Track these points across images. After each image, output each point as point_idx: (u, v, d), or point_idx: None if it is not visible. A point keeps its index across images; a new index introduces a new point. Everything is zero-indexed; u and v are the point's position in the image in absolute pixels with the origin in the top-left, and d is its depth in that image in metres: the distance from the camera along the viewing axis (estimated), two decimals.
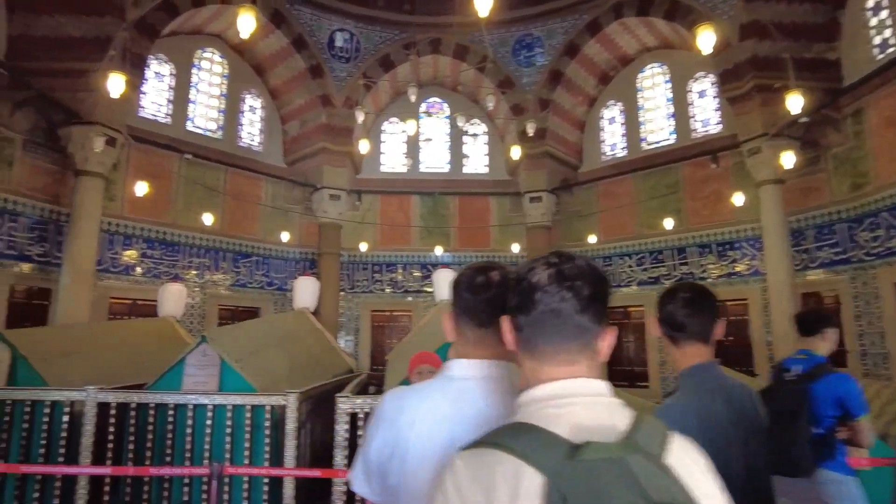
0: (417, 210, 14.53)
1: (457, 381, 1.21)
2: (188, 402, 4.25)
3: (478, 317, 1.23)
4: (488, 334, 1.23)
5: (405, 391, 1.25)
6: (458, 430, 1.13)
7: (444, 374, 1.24)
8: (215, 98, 13.05)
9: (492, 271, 1.27)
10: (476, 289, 1.24)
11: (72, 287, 8.99)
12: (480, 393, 1.19)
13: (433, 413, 1.16)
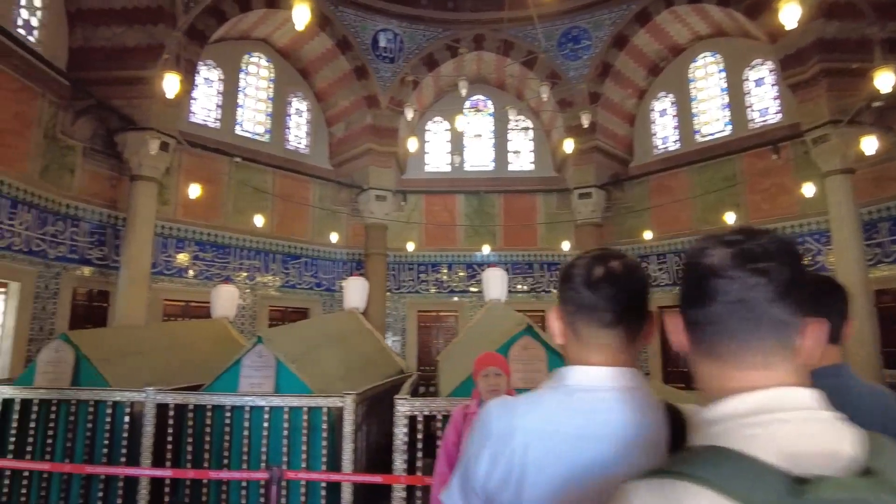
0: (462, 209, 14.38)
1: (579, 393, 1.03)
2: (245, 404, 4.20)
3: (601, 317, 1.04)
4: (614, 337, 1.05)
5: (513, 404, 1.06)
6: (588, 453, 0.95)
7: (559, 385, 1.05)
8: (262, 102, 13.22)
9: (612, 261, 1.08)
10: (597, 283, 1.05)
11: (129, 289, 9.21)
12: (613, 407, 1.00)
13: (554, 433, 0.98)
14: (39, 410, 4.35)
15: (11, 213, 8.29)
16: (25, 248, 8.54)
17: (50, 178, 9.09)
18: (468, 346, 6.24)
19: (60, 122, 9.33)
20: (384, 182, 13.27)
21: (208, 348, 6.46)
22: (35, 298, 8.67)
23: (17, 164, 8.45)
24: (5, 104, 8.26)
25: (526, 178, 14.54)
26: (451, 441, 2.90)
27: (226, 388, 4.46)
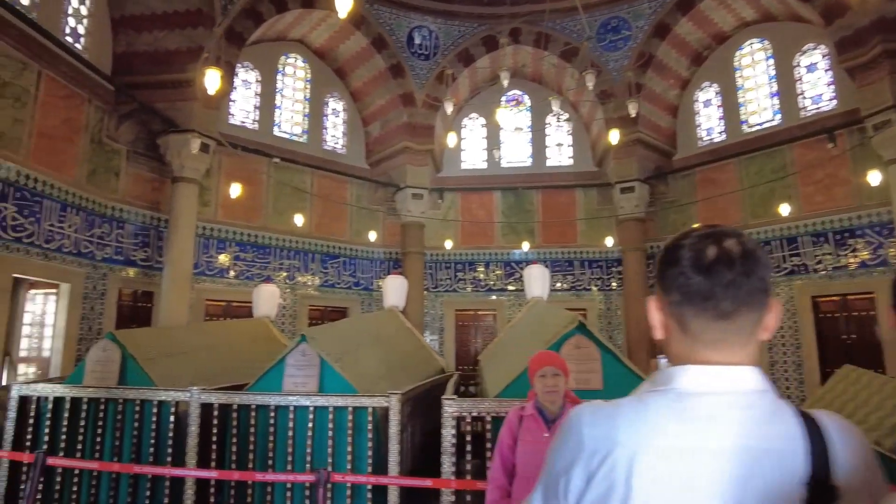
0: (499, 206, 14.17)
1: (692, 398, 0.85)
2: (289, 404, 4.13)
3: (716, 306, 0.86)
4: (732, 330, 0.88)
5: (611, 412, 0.89)
6: (706, 472, 0.79)
7: (667, 389, 0.88)
8: (300, 102, 13.29)
9: (727, 239, 0.89)
10: (710, 266, 0.87)
11: (171, 290, 9.34)
12: (735, 416, 0.83)
13: (665, 448, 0.81)
14: (88, 409, 4.37)
15: (61, 216, 8.49)
16: (74, 250, 8.74)
17: (96, 182, 9.29)
18: (512, 346, 6.06)
19: (106, 126, 9.53)
20: (420, 180, 13.18)
21: (251, 348, 6.46)
22: (84, 299, 8.87)
23: (66, 169, 8.65)
24: (55, 110, 8.46)
25: (565, 174, 14.24)
26: (507, 444, 2.74)
27: (270, 387, 4.40)
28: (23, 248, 7.78)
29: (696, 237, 0.91)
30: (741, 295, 0.86)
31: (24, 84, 7.94)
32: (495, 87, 14.58)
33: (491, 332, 13.68)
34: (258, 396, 4.20)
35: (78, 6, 9.25)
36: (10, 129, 7.66)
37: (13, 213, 7.64)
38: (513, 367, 4.38)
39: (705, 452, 0.81)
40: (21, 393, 4.46)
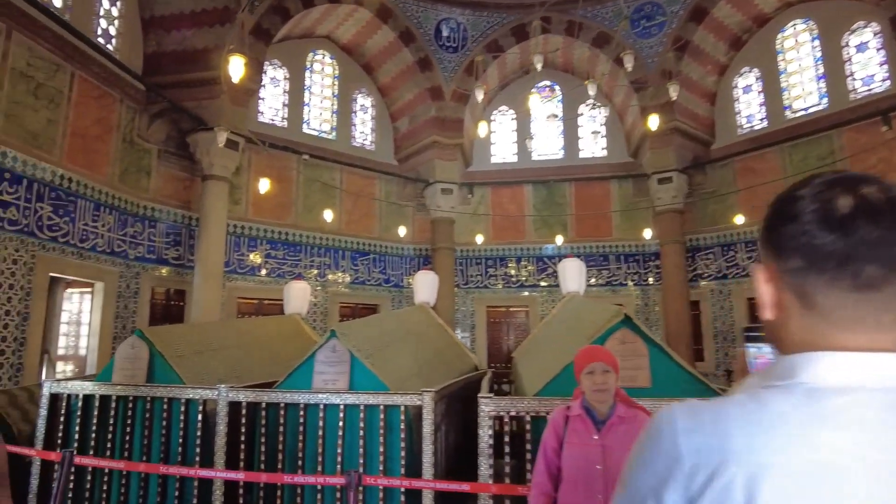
0: (531, 200, 13.88)
1: (829, 397, 0.62)
2: (319, 402, 3.97)
3: (857, 272, 0.64)
4: (880, 304, 0.64)
5: (711, 413, 0.65)
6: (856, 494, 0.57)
7: (792, 384, 0.65)
8: (328, 99, 13.23)
9: (865, 185, 0.66)
10: (845, 220, 0.64)
11: (203, 287, 9.35)
12: (892, 420, 0.60)
13: (799, 463, 0.59)
14: (118, 407, 4.30)
15: (95, 216, 8.56)
16: (108, 249, 8.80)
17: (128, 181, 9.35)
18: (548, 342, 5.81)
19: (137, 126, 9.59)
20: (450, 175, 12.97)
21: (282, 344, 6.35)
22: (117, 297, 8.93)
23: (99, 169, 8.72)
24: (88, 110, 8.53)
25: (598, 165, 13.86)
26: (551, 447, 2.52)
27: (299, 384, 4.25)
28: (58, 248, 7.85)
29: (821, 184, 0.69)
30: (892, 256, 0.63)
31: (58, 85, 8.00)
32: (525, 78, 14.31)
33: (523, 329, 13.40)
34: (287, 394, 4.05)
35: (109, 7, 9.32)
36: (44, 129, 7.73)
37: (49, 213, 7.71)
38: (552, 364, 4.14)
39: (856, 472, 0.57)
40: (52, 390, 4.42)
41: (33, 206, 7.47)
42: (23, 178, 7.34)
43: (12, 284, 7.12)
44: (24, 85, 7.48)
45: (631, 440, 2.34)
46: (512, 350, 13.27)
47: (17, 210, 7.22)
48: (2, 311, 6.97)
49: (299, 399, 4.02)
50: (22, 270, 7.26)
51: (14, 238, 7.17)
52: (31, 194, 7.44)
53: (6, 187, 7.09)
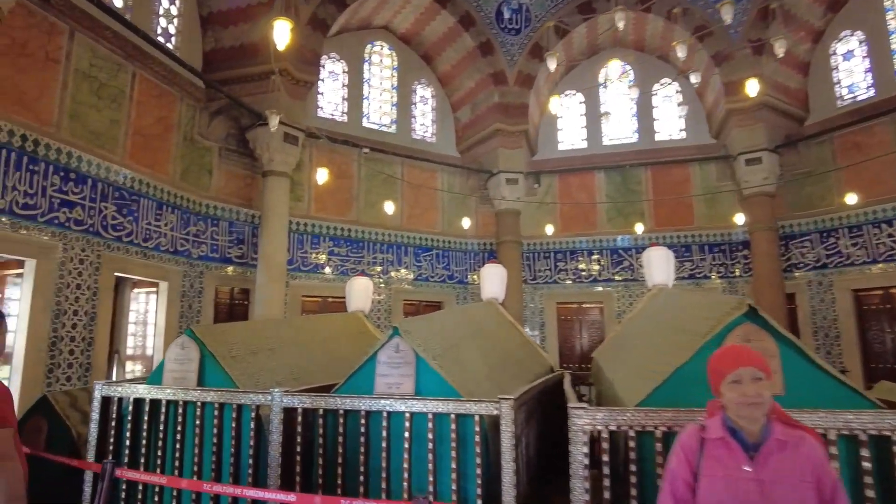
0: (602, 188, 13.01)
1: None
2: (381, 409, 3.48)
3: None
4: None
5: None
6: None
7: None
8: (387, 92, 12.89)
9: None
10: None
11: (266, 285, 9.16)
12: None
13: None
14: (167, 412, 3.97)
15: (158, 215, 8.51)
16: (171, 249, 8.74)
17: (190, 180, 9.29)
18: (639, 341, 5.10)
19: (197, 124, 9.52)
20: (515, 164, 12.32)
21: (344, 343, 5.95)
22: (182, 297, 8.86)
23: (160, 167, 8.67)
24: (149, 109, 8.48)
25: (677, 148, 12.82)
26: (683, 480, 1.89)
27: (360, 388, 3.78)
28: (122, 247, 7.81)
29: None
30: None
31: (120, 85, 7.97)
32: (593, 59, 13.46)
33: (598, 327, 12.59)
34: (346, 400, 3.59)
35: (168, 6, 9.29)
36: (107, 129, 7.70)
37: (113, 213, 7.68)
38: (655, 368, 3.47)
39: None
40: (103, 393, 4.15)
41: (98, 205, 7.44)
42: (87, 177, 7.31)
43: (79, 284, 7.09)
44: (88, 85, 7.46)
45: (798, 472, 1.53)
46: (586, 350, 12.49)
47: (82, 210, 7.20)
48: (70, 310, 6.95)
49: (360, 405, 3.54)
50: (88, 270, 7.23)
51: (80, 238, 7.15)
52: (95, 194, 7.41)
53: (72, 187, 7.07)
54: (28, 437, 4.85)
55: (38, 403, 4.90)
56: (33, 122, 6.67)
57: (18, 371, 6.37)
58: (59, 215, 6.87)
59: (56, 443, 4.83)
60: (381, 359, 3.82)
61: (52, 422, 4.85)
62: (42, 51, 6.88)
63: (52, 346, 6.71)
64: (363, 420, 3.57)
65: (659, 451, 2.86)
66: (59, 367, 6.78)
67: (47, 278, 6.67)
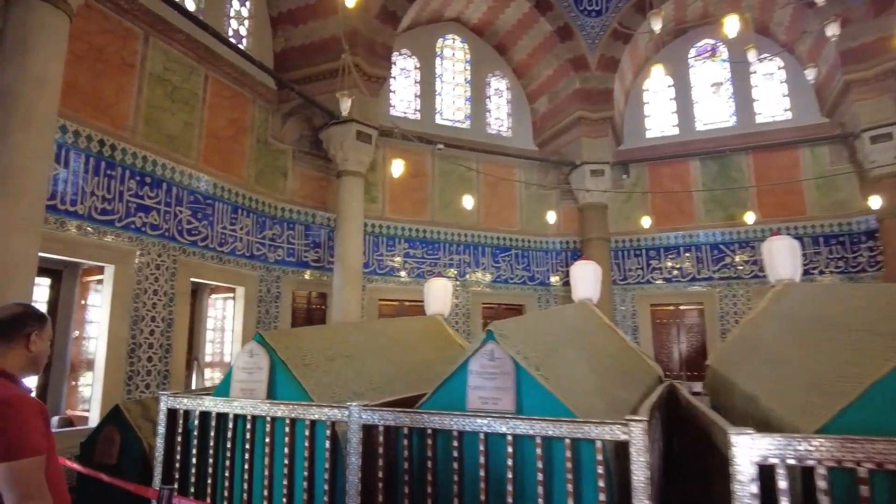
0: (698, 178, 11.86)
1: None
2: (477, 430, 2.87)
3: None
4: None
5: None
6: None
7: None
8: (460, 86, 12.38)
9: None
10: None
11: (343, 289, 8.81)
12: None
13: None
14: (235, 427, 3.54)
15: (233, 219, 8.35)
16: (247, 253, 8.57)
17: (265, 183, 9.11)
18: (777, 346, 4.22)
19: (270, 126, 9.36)
20: (600, 154, 11.42)
21: (425, 349, 5.40)
22: (258, 302, 8.67)
23: (235, 171, 8.53)
24: (222, 111, 8.36)
25: (782, 130, 11.50)
26: None
27: (449, 403, 3.19)
28: (198, 252, 7.67)
29: None
30: None
31: (193, 87, 7.88)
32: (682, 39, 12.37)
33: (697, 330, 11.45)
34: (435, 417, 3.00)
35: (239, 8, 9.19)
36: (181, 132, 7.60)
37: (188, 217, 7.55)
38: (832, 380, 2.66)
39: None
40: (168, 405, 3.79)
41: (173, 210, 7.32)
42: (162, 182, 7.20)
43: (156, 290, 6.97)
44: (162, 89, 7.38)
45: None
46: (685, 356, 11.40)
47: (158, 214, 7.09)
48: (148, 316, 6.83)
49: (451, 424, 2.94)
50: (165, 276, 7.10)
51: (156, 243, 7.03)
52: (170, 198, 7.29)
53: (147, 192, 6.97)
54: (101, 447, 4.63)
55: (112, 413, 4.67)
56: (110, 127, 6.60)
57: (100, 379, 6.27)
58: (136, 220, 6.77)
59: (128, 454, 4.58)
60: (472, 367, 3.21)
61: (124, 432, 4.60)
62: (118, 55, 6.83)
63: (131, 353, 6.59)
64: (456, 441, 2.98)
65: (865, 496, 2.08)
66: (138, 375, 6.65)
67: (125, 284, 6.57)
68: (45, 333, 2.05)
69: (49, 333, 2.08)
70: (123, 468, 4.46)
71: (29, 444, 1.73)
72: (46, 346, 2.06)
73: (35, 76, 4.61)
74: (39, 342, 2.01)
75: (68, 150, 6.07)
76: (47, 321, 2.08)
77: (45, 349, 2.05)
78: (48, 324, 2.08)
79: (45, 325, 2.06)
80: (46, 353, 2.07)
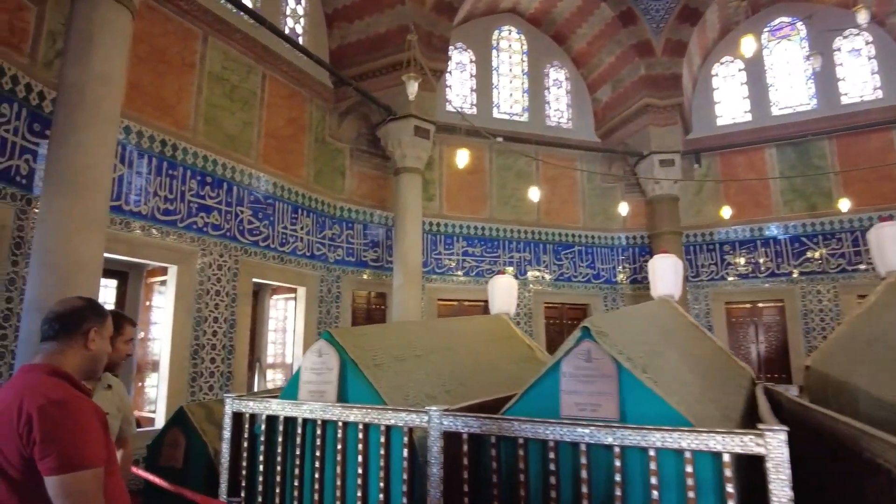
0: (774, 166, 11.04)
1: None
2: (578, 440, 2.50)
3: None
4: None
5: None
6: None
7: None
8: (517, 78, 11.98)
9: None
10: None
11: (403, 288, 8.58)
12: None
13: None
14: (304, 432, 3.30)
15: (293, 218, 8.25)
16: (307, 253, 8.45)
17: (324, 182, 8.99)
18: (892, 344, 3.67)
19: (328, 125, 9.24)
20: (669, 143, 10.79)
21: (493, 350, 5.05)
22: (319, 302, 8.53)
23: (294, 170, 8.43)
24: (280, 111, 8.28)
25: (870, 111, 10.55)
26: None
27: (539, 409, 2.84)
28: (259, 252, 7.58)
29: None
30: None
31: (251, 87, 7.81)
32: (754, 19, 11.57)
33: (777, 328, 10.65)
34: (526, 425, 2.65)
35: (294, 6, 9.11)
36: (240, 132, 7.54)
37: (248, 217, 7.47)
38: None
39: None
40: (234, 408, 3.59)
41: (234, 209, 7.25)
42: (223, 181, 7.15)
43: (219, 291, 6.91)
44: (221, 88, 7.33)
45: None
46: (764, 357, 10.62)
47: (219, 214, 7.03)
48: (210, 317, 6.77)
49: (547, 434, 2.59)
50: (227, 276, 7.03)
51: (218, 243, 6.97)
52: (231, 198, 7.23)
53: (208, 192, 6.92)
54: (167, 451, 4.50)
55: (177, 416, 4.54)
56: (171, 127, 6.58)
57: (165, 380, 6.23)
58: (198, 220, 6.72)
59: (194, 458, 4.43)
60: (566, 370, 2.84)
61: (189, 436, 4.46)
62: (178, 56, 6.81)
63: (195, 355, 6.53)
64: (552, 453, 2.62)
65: None
66: (202, 376, 6.59)
67: (188, 285, 6.52)
68: (106, 330, 1.83)
69: (110, 330, 1.87)
70: (189, 472, 4.31)
71: (85, 453, 1.49)
72: (107, 344, 1.84)
73: (99, 73, 4.54)
74: (99, 340, 1.79)
75: (132, 150, 6.06)
76: (107, 317, 1.87)
77: (105, 348, 1.83)
78: (108, 321, 1.86)
79: (106, 322, 1.84)
80: (107, 352, 1.85)
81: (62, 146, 4.30)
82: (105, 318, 1.84)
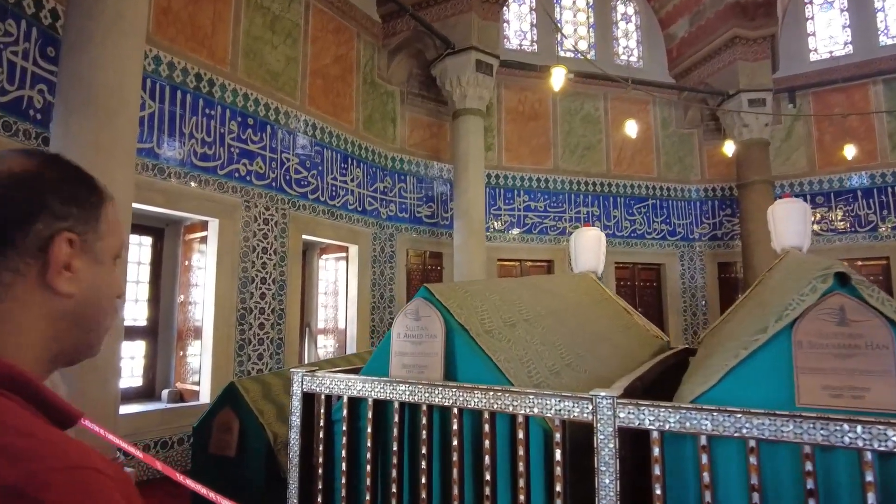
0: (881, 105, 9.62)
1: None
2: (856, 445, 1.58)
3: None
4: None
5: None
6: None
7: None
8: (582, 12, 10.71)
9: None
10: None
11: (465, 246, 7.68)
12: None
13: None
14: (401, 418, 2.43)
15: (343, 169, 7.38)
16: (359, 208, 7.60)
17: (374, 130, 8.07)
18: None
19: (377, 65, 8.26)
20: (760, 79, 9.45)
21: (595, 314, 4.12)
22: (373, 262, 7.71)
23: (343, 114, 7.52)
24: (326, 47, 7.33)
25: None
26: None
27: (735, 394, 1.91)
28: (309, 206, 6.75)
29: None
30: None
31: (294, 17, 6.86)
32: None
33: (882, 288, 9.37)
34: (735, 418, 1.73)
35: None
36: (284, 69, 6.63)
37: (296, 165, 6.62)
38: None
39: None
40: (306, 388, 2.74)
41: (279, 156, 6.40)
42: (266, 124, 6.29)
43: (265, 248, 6.12)
44: (261, 18, 6.41)
45: None
46: None
47: (263, 162, 6.19)
48: (258, 278, 6.00)
49: (813, 435, 1.67)
50: (274, 232, 6.24)
51: (263, 194, 6.15)
52: (275, 143, 6.37)
53: (251, 135, 6.08)
54: (217, 437, 3.74)
55: (227, 393, 3.75)
56: (207, 60, 5.71)
57: (209, 349, 5.50)
58: (240, 168, 5.90)
59: (250, 445, 3.66)
60: (801, 339, 1.91)
61: (242, 418, 3.68)
62: None
63: (241, 320, 5.79)
64: (809, 464, 1.70)
65: None
66: (250, 344, 5.86)
67: (232, 241, 5.74)
68: (99, 236, 0.66)
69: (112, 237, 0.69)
70: (245, 463, 3.55)
71: None
72: (107, 272, 0.68)
73: None
74: (86, 259, 0.64)
75: (163, 85, 5.22)
76: (101, 200, 0.68)
77: (102, 281, 0.67)
78: (105, 209, 0.68)
79: (100, 212, 0.67)
80: (109, 292, 0.70)
81: (76, 61, 3.46)
82: (93, 203, 0.66)
